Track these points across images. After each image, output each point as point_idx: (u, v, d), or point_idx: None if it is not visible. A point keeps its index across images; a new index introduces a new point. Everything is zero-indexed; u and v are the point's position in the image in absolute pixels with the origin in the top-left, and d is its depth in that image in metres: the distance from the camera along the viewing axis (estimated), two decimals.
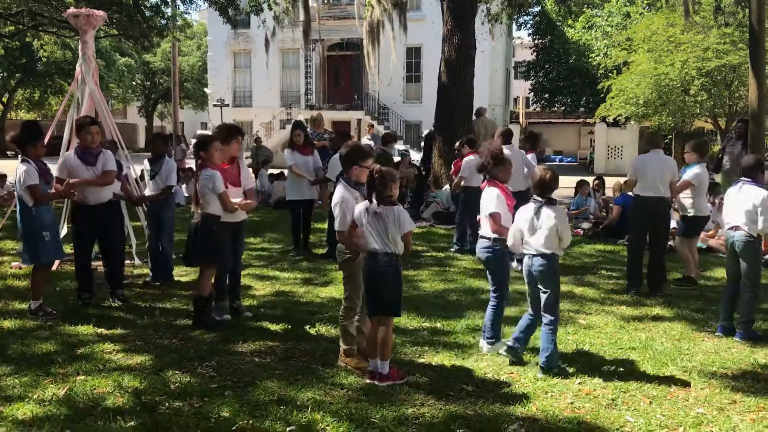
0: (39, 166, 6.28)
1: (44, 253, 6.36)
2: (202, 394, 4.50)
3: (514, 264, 8.68)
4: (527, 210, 5.11)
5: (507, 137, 9.30)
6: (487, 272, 5.67)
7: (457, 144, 11.24)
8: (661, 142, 8.12)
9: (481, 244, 5.51)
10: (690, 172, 7.91)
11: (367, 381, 4.77)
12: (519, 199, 9.70)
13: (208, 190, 5.87)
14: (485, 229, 5.48)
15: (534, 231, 5.02)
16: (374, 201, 4.72)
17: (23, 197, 6.24)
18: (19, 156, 6.32)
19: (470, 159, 9.92)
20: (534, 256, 5.04)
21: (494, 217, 5.32)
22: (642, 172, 7.67)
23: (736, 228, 6.04)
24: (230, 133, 6.36)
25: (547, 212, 4.99)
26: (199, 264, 6.09)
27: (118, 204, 7.45)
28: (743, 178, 6.17)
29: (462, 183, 10.00)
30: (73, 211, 6.84)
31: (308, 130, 14.01)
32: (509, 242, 5.24)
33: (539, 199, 5.08)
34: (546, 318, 5.05)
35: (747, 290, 6.02)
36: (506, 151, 8.99)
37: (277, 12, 19.17)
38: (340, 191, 5.00)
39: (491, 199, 5.38)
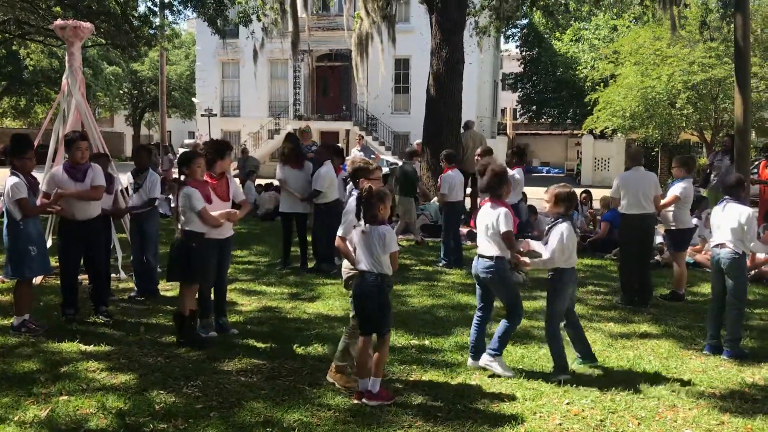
0: (28, 180, 6.22)
1: (29, 268, 6.29)
2: (187, 415, 4.44)
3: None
4: (567, 228, 5.27)
5: (488, 154, 9.34)
6: (482, 290, 5.55)
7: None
8: (642, 158, 8.19)
9: (482, 264, 5.39)
10: (677, 187, 7.98)
11: (354, 401, 4.72)
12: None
13: (187, 209, 5.83)
14: (486, 248, 5.38)
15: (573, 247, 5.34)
16: (362, 220, 4.72)
17: (11, 211, 6.16)
18: (9, 169, 6.27)
19: (449, 175, 9.92)
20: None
21: (509, 236, 5.26)
22: (625, 190, 7.79)
23: (722, 245, 6.06)
24: (227, 147, 6.41)
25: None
26: (181, 281, 6.00)
27: (107, 220, 7.39)
28: (726, 197, 6.23)
29: (444, 199, 9.98)
30: (59, 228, 6.76)
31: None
32: (557, 257, 5.24)
33: (563, 215, 5.33)
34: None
35: (733, 308, 6.03)
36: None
37: (265, 23, 19.17)
38: (355, 201, 5.03)
39: (501, 219, 5.27)
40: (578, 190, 14.34)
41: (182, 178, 5.96)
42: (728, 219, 6.03)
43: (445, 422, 4.43)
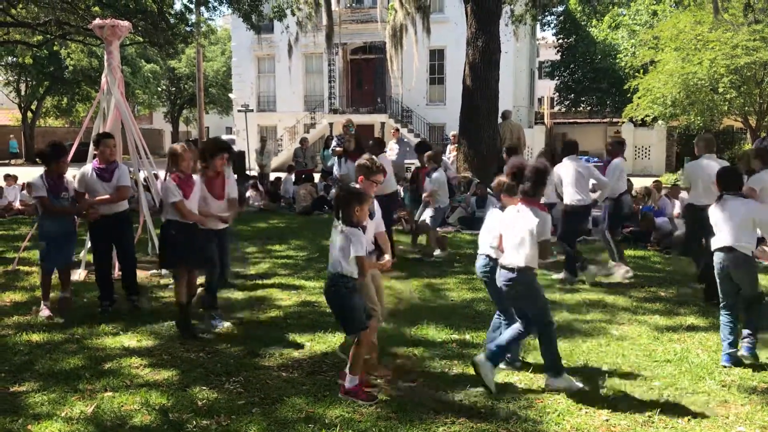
0: (50, 182, 6.67)
1: (46, 259, 6.83)
2: (229, 411, 4.45)
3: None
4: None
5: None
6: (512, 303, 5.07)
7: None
8: (714, 146, 7.58)
9: (504, 276, 4.85)
10: (756, 179, 7.36)
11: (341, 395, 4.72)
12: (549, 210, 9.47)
13: (165, 200, 6.14)
14: (512, 256, 4.81)
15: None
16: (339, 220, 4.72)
17: (37, 206, 6.82)
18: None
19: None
20: None
21: (548, 246, 4.88)
22: (694, 179, 7.33)
23: None
24: (217, 148, 6.55)
25: None
26: (171, 269, 6.34)
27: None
28: None
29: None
30: (89, 224, 7.17)
31: (337, 135, 14.01)
32: None
33: None
34: None
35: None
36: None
37: (300, 17, 19.22)
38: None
39: (542, 225, 4.74)
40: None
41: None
42: None
43: (488, 419, 4.36)
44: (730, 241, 5.38)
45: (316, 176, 17.70)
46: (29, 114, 42.45)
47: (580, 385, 4.85)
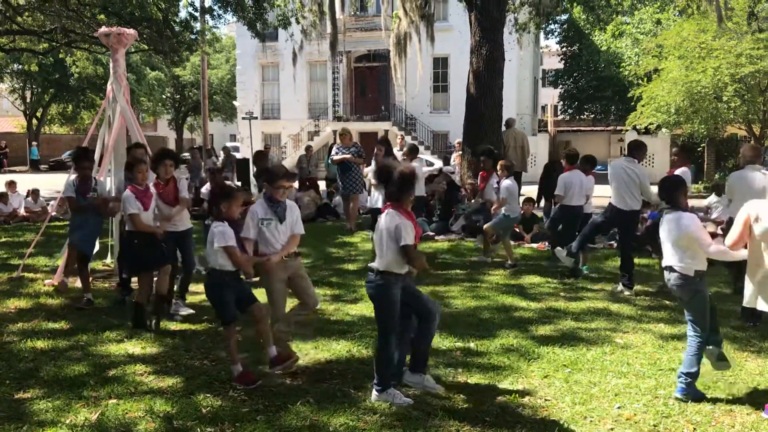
0: (78, 184, 7.49)
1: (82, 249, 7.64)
2: (233, 419, 4.44)
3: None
4: None
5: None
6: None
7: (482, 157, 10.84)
8: (760, 156, 7.13)
9: (368, 276, 4.80)
10: None
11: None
12: (574, 214, 9.33)
13: (125, 211, 6.55)
14: (381, 261, 4.68)
15: None
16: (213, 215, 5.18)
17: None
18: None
19: (567, 175, 9.27)
20: None
21: (410, 250, 4.57)
22: (732, 191, 6.99)
23: None
24: (165, 155, 7.01)
25: None
26: (135, 274, 6.77)
27: None
28: None
29: (561, 201, 9.36)
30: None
31: (336, 144, 14.05)
32: None
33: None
34: None
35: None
36: (569, 174, 9.06)
37: (304, 25, 19.30)
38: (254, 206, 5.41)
39: (403, 230, 4.56)
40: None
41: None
42: None
43: (493, 427, 4.35)
44: (669, 260, 4.97)
45: (321, 184, 17.73)
46: (34, 121, 42.61)
47: (410, 400, 4.70)
